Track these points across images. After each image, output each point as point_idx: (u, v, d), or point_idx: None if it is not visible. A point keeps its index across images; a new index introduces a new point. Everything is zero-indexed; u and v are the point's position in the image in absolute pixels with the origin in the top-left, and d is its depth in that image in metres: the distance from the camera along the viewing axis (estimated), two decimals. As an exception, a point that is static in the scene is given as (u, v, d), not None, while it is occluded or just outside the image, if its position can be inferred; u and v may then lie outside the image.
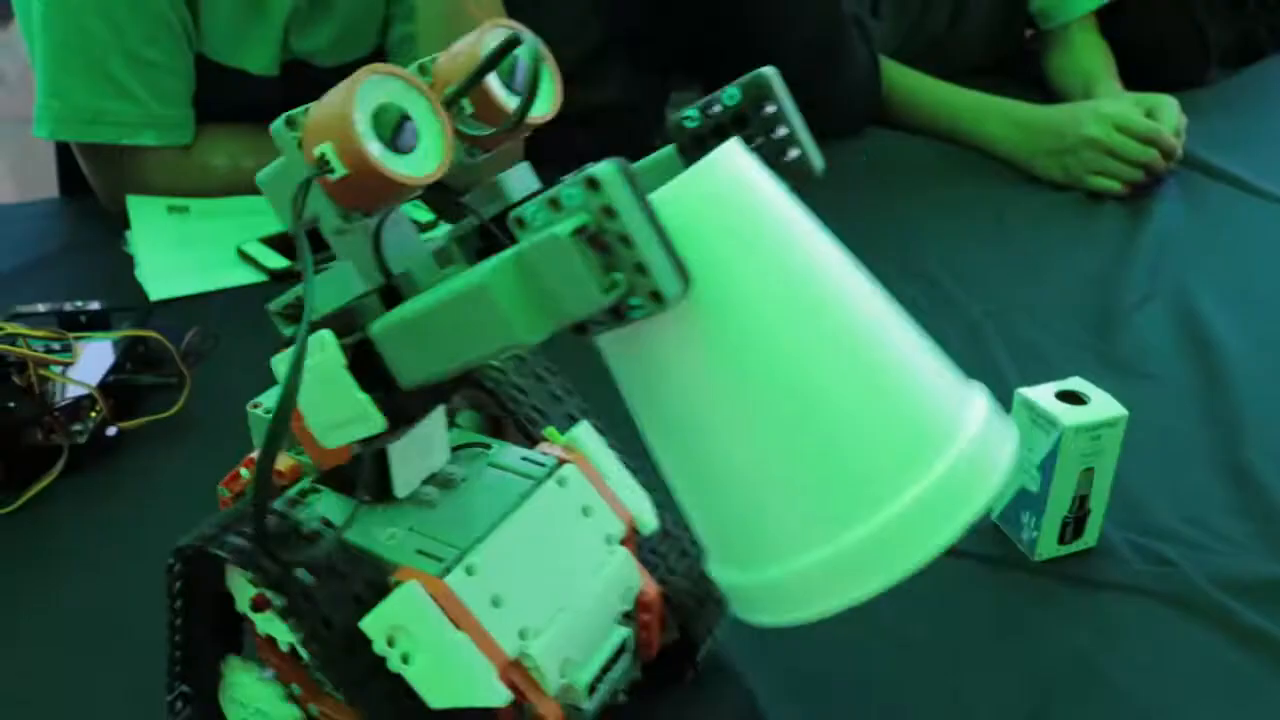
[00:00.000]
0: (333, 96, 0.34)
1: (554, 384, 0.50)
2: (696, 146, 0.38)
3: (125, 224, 1.10)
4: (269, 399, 0.47)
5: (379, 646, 0.37)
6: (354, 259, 0.38)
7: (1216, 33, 1.54)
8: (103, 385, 0.77)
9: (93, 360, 0.79)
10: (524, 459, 0.45)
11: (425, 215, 1.02)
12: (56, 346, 0.78)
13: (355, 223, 0.37)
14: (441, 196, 0.40)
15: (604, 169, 0.29)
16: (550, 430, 0.46)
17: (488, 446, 0.46)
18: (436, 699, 0.37)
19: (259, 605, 0.42)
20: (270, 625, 0.43)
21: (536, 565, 0.41)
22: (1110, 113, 1.21)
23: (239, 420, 0.82)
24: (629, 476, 0.45)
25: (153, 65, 1.08)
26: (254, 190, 1.25)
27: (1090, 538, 0.68)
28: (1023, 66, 1.59)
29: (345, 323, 0.36)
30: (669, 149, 0.39)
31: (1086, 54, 1.46)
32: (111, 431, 0.77)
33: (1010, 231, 1.15)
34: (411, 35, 1.16)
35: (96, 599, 0.65)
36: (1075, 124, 1.22)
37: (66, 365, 0.77)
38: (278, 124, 0.36)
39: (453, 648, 0.37)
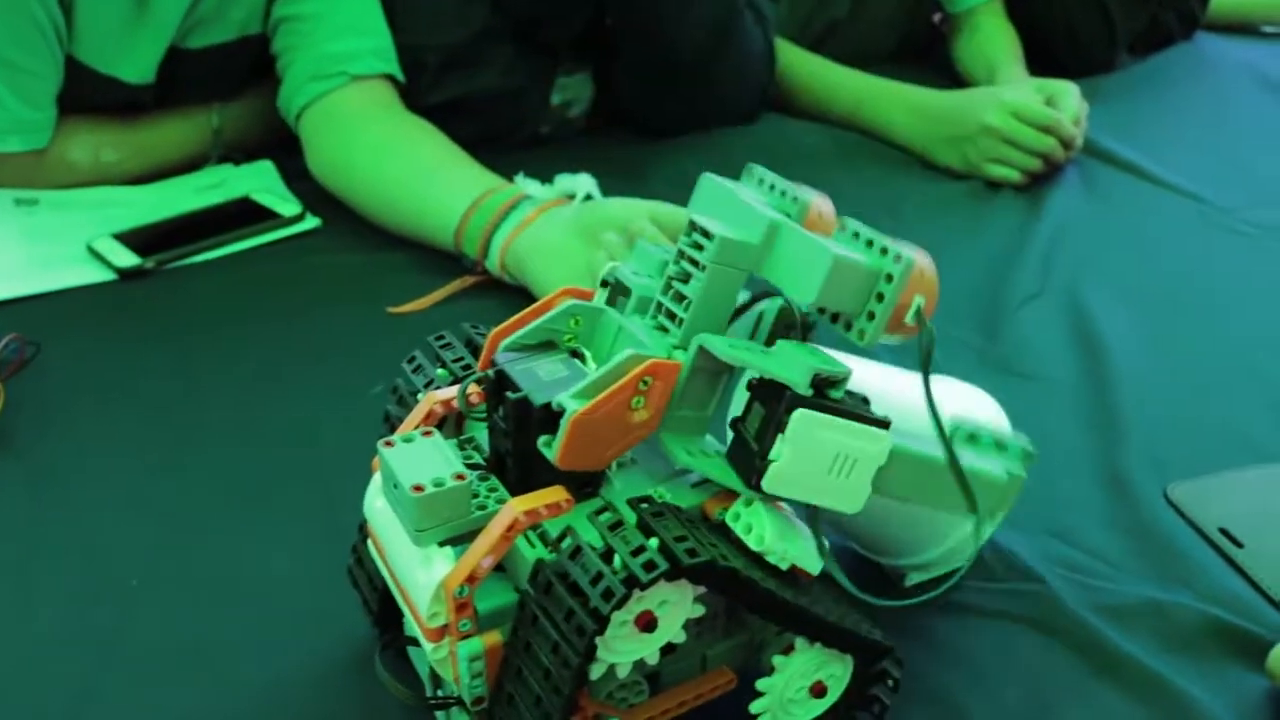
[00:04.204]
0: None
1: None
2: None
3: (-31, 219, 1.03)
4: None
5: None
6: None
7: (1125, 19, 1.52)
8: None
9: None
10: None
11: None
12: None
13: None
14: None
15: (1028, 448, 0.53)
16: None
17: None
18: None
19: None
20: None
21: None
22: (1009, 100, 1.18)
23: (56, 436, 0.77)
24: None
25: (20, 69, 1.01)
26: (114, 182, 1.18)
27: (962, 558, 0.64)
28: (931, 51, 1.56)
29: None
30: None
31: (992, 39, 1.42)
32: (-87, 450, 0.71)
33: (904, 222, 1.11)
34: (294, 15, 1.10)
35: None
36: (974, 111, 1.18)
37: None
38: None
39: None
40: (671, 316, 0.47)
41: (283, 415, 0.79)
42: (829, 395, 0.44)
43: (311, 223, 1.07)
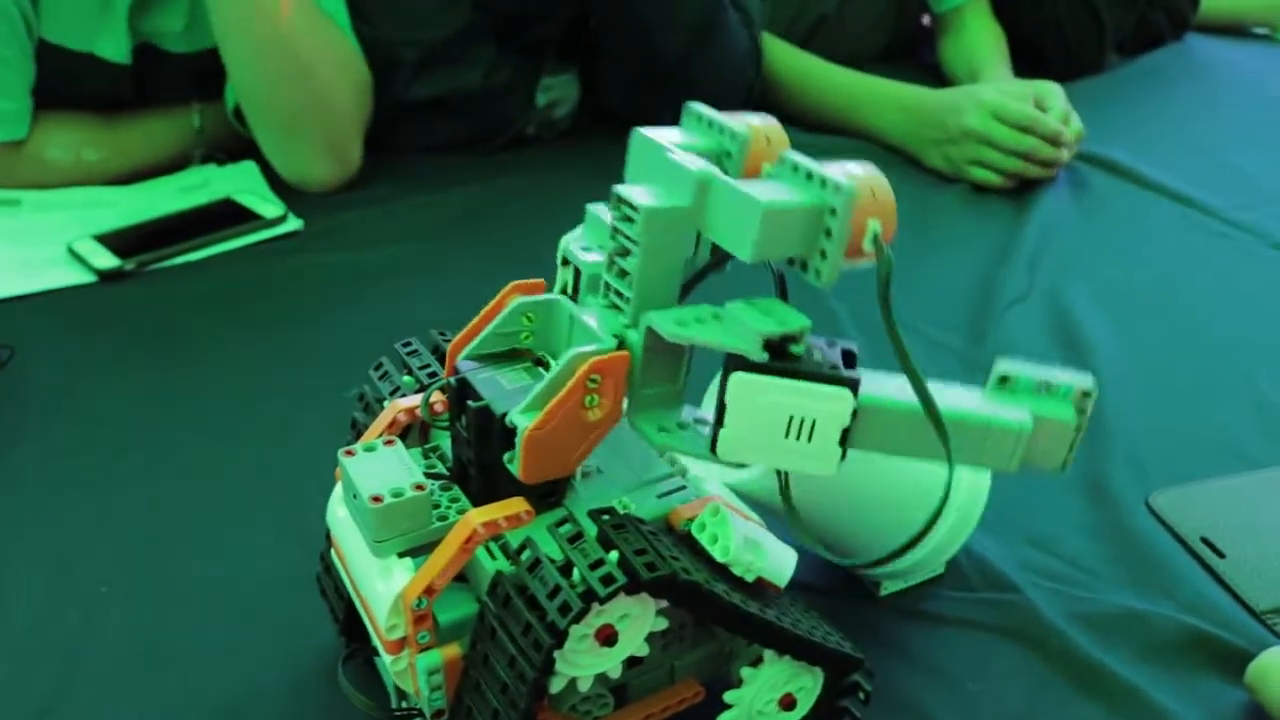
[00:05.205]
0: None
1: None
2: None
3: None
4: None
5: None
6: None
7: (1114, 19, 1.51)
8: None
9: None
10: None
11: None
12: None
13: None
14: None
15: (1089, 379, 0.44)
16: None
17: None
18: None
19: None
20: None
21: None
22: (988, 101, 1.16)
23: (29, 439, 0.76)
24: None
25: None
26: (96, 181, 1.17)
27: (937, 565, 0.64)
28: (919, 51, 1.56)
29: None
30: None
31: (977, 38, 1.42)
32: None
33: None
34: None
35: None
36: (955, 113, 1.17)
37: None
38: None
39: None
40: (620, 294, 0.44)
41: (260, 418, 0.78)
42: (790, 353, 0.41)
43: (294, 224, 1.06)
